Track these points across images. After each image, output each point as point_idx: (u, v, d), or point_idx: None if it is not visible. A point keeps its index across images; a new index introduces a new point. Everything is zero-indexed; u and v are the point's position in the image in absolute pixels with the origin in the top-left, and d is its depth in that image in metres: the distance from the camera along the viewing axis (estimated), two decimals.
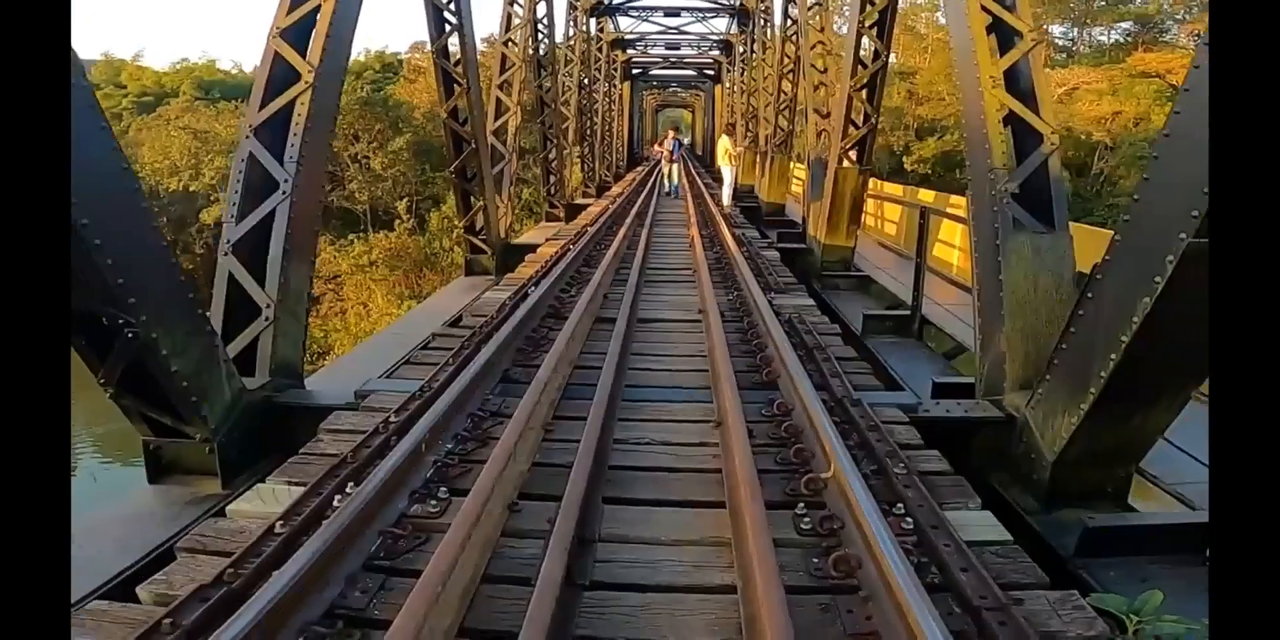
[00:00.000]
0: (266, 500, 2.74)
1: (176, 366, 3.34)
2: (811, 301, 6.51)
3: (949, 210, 9.79)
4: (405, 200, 31.78)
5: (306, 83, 4.43)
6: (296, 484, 2.84)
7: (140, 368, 3.30)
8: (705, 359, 4.67)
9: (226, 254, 4.30)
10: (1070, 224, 4.18)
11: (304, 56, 4.48)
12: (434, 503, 2.64)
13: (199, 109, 36.57)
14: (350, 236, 30.93)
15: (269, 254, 4.31)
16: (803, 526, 2.63)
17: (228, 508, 2.73)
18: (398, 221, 31.02)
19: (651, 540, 2.56)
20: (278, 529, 2.40)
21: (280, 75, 4.49)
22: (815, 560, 2.43)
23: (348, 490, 2.64)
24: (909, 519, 2.60)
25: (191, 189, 31.79)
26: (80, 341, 3.21)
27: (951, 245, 9.58)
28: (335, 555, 2.22)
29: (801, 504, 2.74)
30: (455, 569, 2.13)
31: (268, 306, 4.24)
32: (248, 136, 4.41)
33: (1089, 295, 3.17)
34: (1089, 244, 4.65)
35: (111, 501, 3.58)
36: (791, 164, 18.70)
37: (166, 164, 32.47)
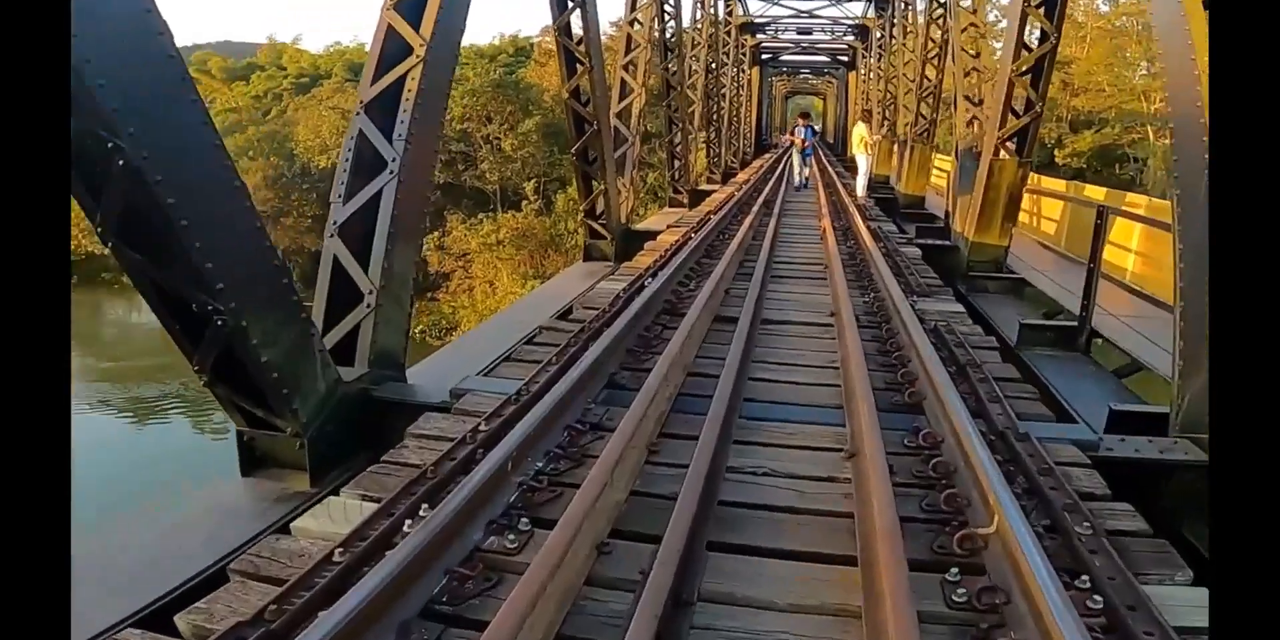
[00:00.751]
0: (335, 517, 2.47)
1: (267, 356, 3.16)
2: (961, 308, 5.79)
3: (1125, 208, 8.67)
4: (533, 181, 32.20)
5: (418, 57, 4.17)
6: (370, 499, 2.57)
7: (230, 356, 3.14)
8: (836, 372, 4.12)
9: (332, 236, 4.13)
10: None
11: (417, 30, 4.23)
12: (513, 536, 2.28)
13: (348, 90, 38.24)
14: (480, 216, 31.65)
15: (374, 237, 4.10)
16: (955, 598, 2.11)
17: (293, 525, 2.48)
18: (525, 202, 31.48)
19: (763, 604, 2.10)
20: (336, 557, 2.11)
21: (392, 49, 4.24)
22: None
23: (421, 513, 2.32)
24: (1097, 596, 2.04)
25: None
26: (175, 328, 3.11)
27: (1126, 249, 8.46)
28: (391, 598, 1.91)
29: (954, 568, 2.21)
30: (525, 627, 1.78)
31: (370, 293, 4.03)
32: (358, 113, 4.21)
33: None
34: None
35: (204, 493, 3.48)
36: (933, 154, 17.48)
37: (318, 142, 34.19)
